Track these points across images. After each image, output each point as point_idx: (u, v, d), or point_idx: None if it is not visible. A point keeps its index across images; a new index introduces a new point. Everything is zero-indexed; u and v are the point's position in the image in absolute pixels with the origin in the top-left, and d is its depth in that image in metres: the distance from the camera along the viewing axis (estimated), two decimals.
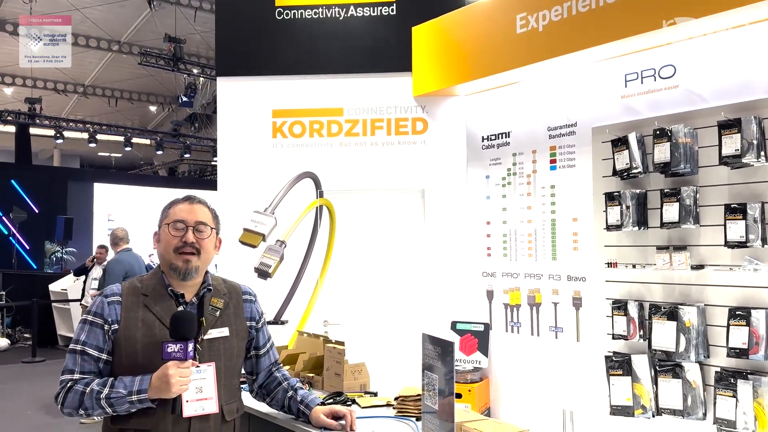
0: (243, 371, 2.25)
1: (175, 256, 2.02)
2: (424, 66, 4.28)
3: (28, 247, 15.01)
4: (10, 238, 14.15)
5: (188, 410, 1.93)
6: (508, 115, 4.06)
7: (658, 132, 3.13)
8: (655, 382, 3.16)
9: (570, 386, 3.64)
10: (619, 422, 3.32)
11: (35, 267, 14.85)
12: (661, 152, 3.12)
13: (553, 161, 3.80)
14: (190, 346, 1.88)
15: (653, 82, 3.33)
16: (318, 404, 2.23)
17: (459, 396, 3.85)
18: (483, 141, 4.22)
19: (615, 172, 3.35)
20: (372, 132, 4.42)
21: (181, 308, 2.02)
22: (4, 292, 11.21)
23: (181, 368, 1.87)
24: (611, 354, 3.35)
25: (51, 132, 15.73)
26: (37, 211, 15.23)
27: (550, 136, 3.81)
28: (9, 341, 10.96)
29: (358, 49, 4.44)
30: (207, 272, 2.14)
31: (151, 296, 2.02)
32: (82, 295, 8.96)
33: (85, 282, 8.90)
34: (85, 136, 16.02)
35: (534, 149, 3.91)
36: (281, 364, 2.32)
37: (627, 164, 3.28)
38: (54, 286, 11.02)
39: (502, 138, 4.11)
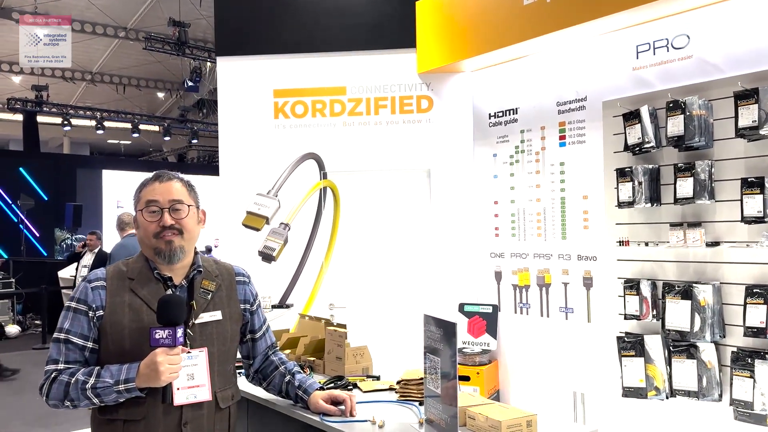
0: (239, 356, 2.16)
1: (156, 240, 1.91)
2: (428, 41, 4.17)
3: (38, 235, 15.06)
4: (20, 225, 14.19)
5: (179, 398, 1.84)
6: (516, 90, 3.95)
7: (671, 104, 3.01)
8: (669, 363, 3.07)
9: (581, 368, 3.55)
10: (631, 404, 3.23)
11: (45, 254, 14.90)
12: (675, 125, 3.00)
13: (562, 137, 3.69)
14: (179, 331, 1.78)
15: (666, 52, 3.20)
16: (317, 389, 2.14)
17: (467, 379, 3.77)
18: (490, 118, 4.11)
19: (627, 147, 3.24)
20: (376, 111, 4.32)
21: (169, 292, 1.92)
22: (13, 280, 11.24)
23: (171, 355, 1.77)
24: (623, 334, 3.26)
25: (58, 120, 15.70)
26: (46, 198, 15.25)
27: (560, 112, 3.70)
28: (20, 328, 11.01)
29: (361, 26, 4.32)
30: (196, 253, 2.03)
31: (137, 280, 1.92)
32: (74, 284, 8.86)
33: (77, 269, 8.82)
34: (93, 123, 15.98)
35: (543, 125, 3.80)
36: (278, 347, 2.23)
37: (639, 138, 3.16)
38: (63, 273, 11.03)
39: (509, 115, 3.99)
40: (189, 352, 1.86)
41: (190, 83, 12.87)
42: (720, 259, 2.94)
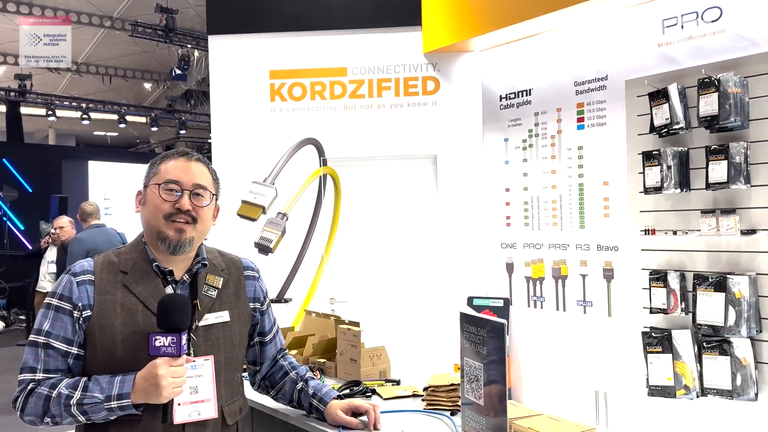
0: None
1: (165, 224, 1.62)
2: (435, 19, 3.92)
3: (23, 228, 14.68)
4: (3, 218, 13.81)
5: (180, 416, 1.56)
6: (530, 70, 3.71)
7: (704, 81, 2.78)
8: (700, 360, 2.87)
9: (602, 365, 3.34)
10: (658, 404, 3.03)
11: (31, 248, 14.52)
12: (708, 104, 2.78)
13: (580, 119, 3.46)
14: (184, 338, 1.50)
15: (695, 26, 2.98)
16: (334, 398, 1.87)
17: None
18: (501, 100, 3.87)
19: (653, 129, 3.02)
20: (379, 93, 4.07)
21: (169, 289, 1.64)
22: None
23: (174, 366, 1.49)
24: (649, 329, 3.05)
25: (43, 111, 15.32)
26: (30, 190, 14.87)
27: (578, 92, 3.47)
28: (4, 323, 10.68)
29: (364, 2, 4.07)
30: (201, 244, 1.75)
31: (131, 274, 1.63)
32: (35, 283, 8.27)
33: (39, 268, 8.30)
34: (79, 114, 15.61)
35: (559, 107, 3.57)
36: (287, 350, 1.97)
37: (667, 119, 2.94)
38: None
39: (522, 96, 3.76)
40: (193, 361, 1.59)
41: (178, 71, 12.53)
42: (756, 248, 2.74)
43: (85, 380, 1.54)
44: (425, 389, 2.02)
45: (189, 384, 1.56)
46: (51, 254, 8.04)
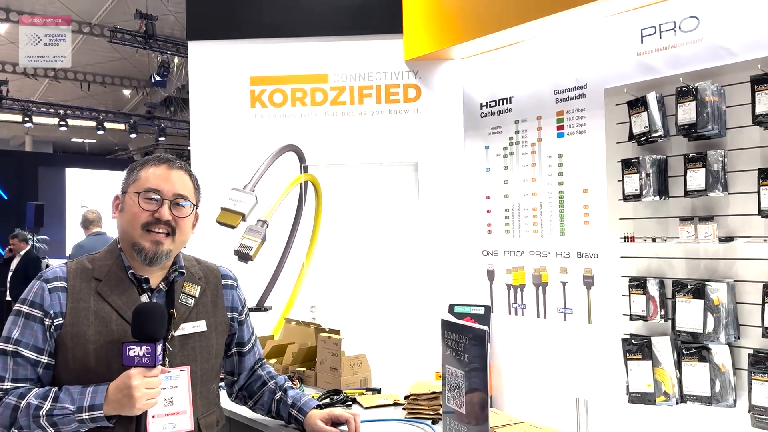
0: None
1: (141, 234, 1.59)
2: (416, 26, 3.92)
3: None
4: None
5: (155, 428, 1.52)
6: (510, 78, 3.73)
7: (682, 90, 2.81)
8: (679, 367, 2.88)
9: (582, 372, 3.35)
10: (638, 411, 3.04)
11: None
12: (686, 112, 2.81)
13: (560, 128, 3.48)
14: (160, 348, 1.47)
15: (673, 36, 3.01)
16: (314, 407, 1.84)
17: None
18: (482, 108, 3.89)
19: (632, 137, 3.04)
20: (360, 100, 4.06)
21: (144, 298, 1.61)
22: None
23: (149, 377, 1.45)
24: (628, 336, 3.06)
25: (19, 117, 15.12)
26: (6, 197, 14.65)
27: (557, 100, 3.49)
28: None
29: (345, 9, 4.06)
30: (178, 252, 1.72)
31: (105, 281, 1.59)
32: (4, 293, 8.25)
33: (9, 277, 8.23)
34: (56, 121, 15.42)
35: (539, 115, 3.58)
36: (265, 359, 1.94)
37: (646, 127, 2.97)
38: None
39: (502, 104, 3.77)
40: (169, 372, 1.55)
41: (157, 77, 12.43)
42: (734, 255, 2.77)
43: (56, 390, 1.50)
44: (406, 398, 2.01)
45: (164, 395, 1.53)
46: (15, 263, 8.02)
